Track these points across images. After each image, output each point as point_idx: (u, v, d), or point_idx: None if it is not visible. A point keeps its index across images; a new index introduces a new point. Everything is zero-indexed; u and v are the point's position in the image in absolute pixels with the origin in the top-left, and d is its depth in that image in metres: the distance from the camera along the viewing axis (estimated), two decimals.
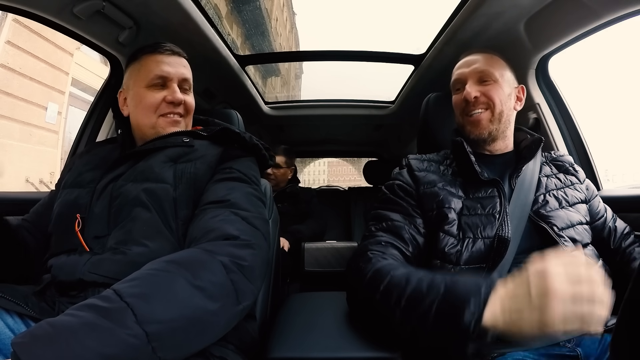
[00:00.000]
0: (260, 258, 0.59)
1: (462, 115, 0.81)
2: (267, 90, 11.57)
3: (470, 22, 1.00)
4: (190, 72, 0.80)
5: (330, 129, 2.35)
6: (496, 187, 0.75)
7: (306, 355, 0.65)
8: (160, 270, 0.49)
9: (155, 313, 0.44)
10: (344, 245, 1.75)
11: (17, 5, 0.84)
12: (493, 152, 0.83)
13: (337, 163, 35.70)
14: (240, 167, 0.72)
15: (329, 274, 1.68)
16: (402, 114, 1.90)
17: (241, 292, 0.53)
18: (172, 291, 0.47)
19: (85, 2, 0.86)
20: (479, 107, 0.78)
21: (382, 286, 0.59)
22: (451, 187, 0.76)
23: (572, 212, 0.75)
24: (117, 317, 0.42)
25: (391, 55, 1.49)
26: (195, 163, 0.69)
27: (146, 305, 0.44)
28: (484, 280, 0.51)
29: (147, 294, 0.45)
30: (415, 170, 0.80)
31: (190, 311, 0.47)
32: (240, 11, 11.64)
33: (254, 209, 0.65)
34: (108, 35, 1.00)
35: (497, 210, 0.72)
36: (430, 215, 0.74)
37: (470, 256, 0.68)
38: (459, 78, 0.83)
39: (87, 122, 1.22)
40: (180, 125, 0.78)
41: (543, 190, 0.78)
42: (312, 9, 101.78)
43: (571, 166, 0.86)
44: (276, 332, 0.74)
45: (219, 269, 0.52)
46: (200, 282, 0.49)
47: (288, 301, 0.93)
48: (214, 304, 0.49)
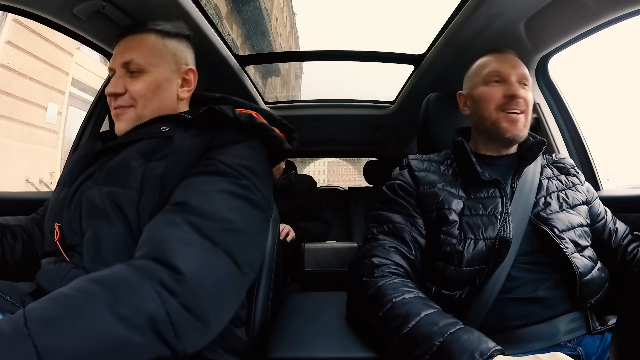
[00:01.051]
0: (207, 292, 0.45)
1: (498, 111, 0.76)
2: (267, 90, 11.57)
3: (470, 22, 1.00)
4: (140, 49, 0.66)
5: (330, 129, 2.35)
6: (498, 187, 0.74)
7: (306, 355, 0.65)
8: (78, 291, 0.40)
9: (59, 344, 0.36)
10: (344, 245, 1.75)
11: (17, 5, 0.84)
12: (500, 154, 0.82)
13: (337, 163, 35.74)
14: (224, 157, 0.57)
15: (329, 274, 1.68)
16: (402, 114, 1.90)
17: (180, 330, 0.42)
18: (86, 317, 0.38)
19: (85, 2, 0.86)
20: (519, 108, 0.76)
21: (381, 312, 0.59)
22: (451, 188, 0.75)
23: (572, 215, 0.74)
24: (13, 347, 0.35)
25: (391, 55, 1.49)
26: (167, 162, 0.57)
27: (50, 334, 0.36)
28: (479, 350, 0.47)
29: (55, 319, 0.37)
30: (415, 171, 0.80)
31: (104, 343, 0.37)
32: (240, 11, 11.64)
33: (220, 215, 0.51)
34: (108, 35, 1.00)
35: (499, 210, 0.71)
36: (430, 216, 0.74)
37: (471, 257, 0.67)
38: (499, 72, 0.78)
39: (87, 122, 1.22)
40: (125, 117, 0.66)
41: (544, 192, 0.77)
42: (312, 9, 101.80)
43: (572, 167, 0.85)
44: (276, 332, 0.74)
45: (149, 296, 0.41)
46: (123, 309, 0.39)
47: (288, 301, 0.93)
48: (138, 337, 0.39)
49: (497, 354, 0.47)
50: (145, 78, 0.66)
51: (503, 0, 0.89)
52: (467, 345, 0.48)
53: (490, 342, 0.49)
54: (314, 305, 0.91)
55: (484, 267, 0.67)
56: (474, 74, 0.83)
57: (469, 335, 0.50)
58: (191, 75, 0.73)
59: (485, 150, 0.82)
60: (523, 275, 0.68)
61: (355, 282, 0.68)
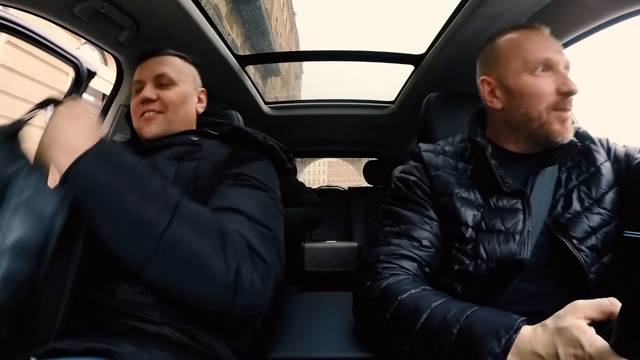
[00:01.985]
0: (270, 280, 0.53)
1: (550, 110, 0.63)
2: (267, 90, 11.58)
3: (470, 22, 1.00)
4: (170, 66, 0.77)
5: (330, 129, 2.35)
6: (521, 198, 0.64)
7: (306, 355, 0.65)
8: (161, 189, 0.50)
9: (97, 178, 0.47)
10: (344, 245, 1.75)
11: (18, 5, 0.84)
12: (527, 152, 0.70)
13: (337, 163, 35.74)
14: (254, 173, 0.65)
15: (329, 274, 1.68)
16: (402, 114, 1.90)
17: (231, 266, 0.48)
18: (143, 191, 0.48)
19: (85, 2, 0.86)
20: (571, 106, 0.63)
21: (388, 313, 0.53)
22: (469, 193, 0.67)
23: (595, 215, 0.63)
24: None
25: (391, 55, 1.49)
26: (199, 162, 0.65)
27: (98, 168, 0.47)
28: (504, 326, 0.42)
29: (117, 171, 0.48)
30: (431, 170, 0.71)
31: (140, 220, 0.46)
32: (240, 11, 11.65)
33: (272, 226, 0.59)
34: (108, 35, 1.00)
35: (519, 228, 0.62)
36: (445, 226, 0.67)
37: (480, 278, 0.61)
38: (549, 59, 0.63)
39: None
40: (156, 122, 0.74)
41: (563, 189, 0.66)
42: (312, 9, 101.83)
43: (590, 142, 0.70)
44: (276, 332, 0.74)
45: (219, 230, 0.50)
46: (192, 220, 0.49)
47: (288, 301, 0.93)
48: (190, 234, 0.47)
49: (523, 324, 0.42)
50: (176, 89, 0.77)
51: (503, 0, 0.89)
52: (488, 325, 0.43)
53: (511, 316, 0.44)
54: (314, 305, 0.91)
55: (492, 286, 0.62)
56: (508, 55, 0.67)
57: (488, 314, 0.45)
58: (203, 95, 0.86)
59: (510, 146, 0.71)
60: (530, 288, 0.62)
61: (360, 287, 0.63)
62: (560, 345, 0.37)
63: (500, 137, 0.72)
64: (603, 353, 0.34)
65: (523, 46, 0.65)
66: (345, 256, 1.70)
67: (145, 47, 1.08)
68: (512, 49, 0.67)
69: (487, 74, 0.71)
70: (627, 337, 0.32)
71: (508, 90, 0.67)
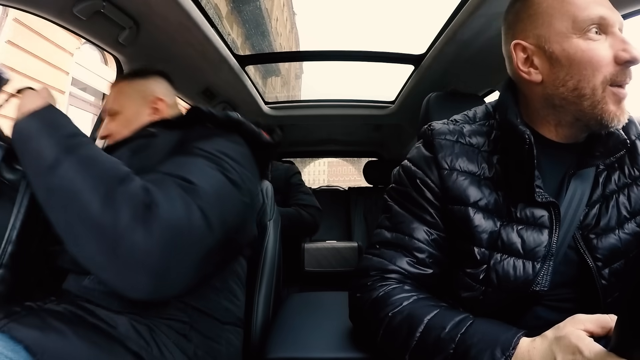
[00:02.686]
0: (165, 230, 0.45)
1: (606, 85, 0.49)
2: (267, 90, 11.58)
3: (470, 22, 1.00)
4: (112, 97, 0.81)
5: (330, 129, 2.35)
6: (550, 212, 0.52)
7: (306, 355, 0.65)
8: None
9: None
10: (344, 245, 1.75)
11: (18, 5, 0.84)
12: (569, 141, 0.56)
13: (337, 163, 35.71)
14: (202, 145, 0.58)
15: (329, 274, 1.68)
16: (402, 114, 1.90)
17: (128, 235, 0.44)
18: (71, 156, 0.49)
19: (85, 2, 0.86)
20: (630, 79, 0.50)
21: (381, 329, 0.50)
22: (490, 200, 0.54)
23: (627, 235, 0.52)
24: None
25: (391, 55, 1.49)
26: (148, 154, 0.63)
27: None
28: (501, 344, 0.40)
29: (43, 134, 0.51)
30: (444, 165, 0.57)
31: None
32: (240, 11, 11.64)
33: (195, 179, 0.51)
34: (108, 35, 1.00)
35: (542, 254, 0.51)
36: (452, 240, 0.57)
37: (488, 305, 0.53)
38: (607, 17, 0.49)
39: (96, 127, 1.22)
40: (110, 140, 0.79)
41: (599, 194, 0.54)
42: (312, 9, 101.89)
43: (638, 137, 0.56)
44: (276, 332, 0.74)
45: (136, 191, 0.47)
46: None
47: (288, 301, 0.93)
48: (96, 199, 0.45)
49: (520, 338, 0.40)
50: (118, 118, 0.79)
51: (503, 0, 0.89)
52: (485, 344, 0.41)
53: (509, 329, 0.42)
54: (314, 305, 0.91)
55: (501, 315, 0.52)
56: (551, 11, 0.51)
57: (484, 329, 0.43)
58: (159, 103, 0.82)
59: (549, 132, 0.56)
60: (548, 315, 0.53)
61: (351, 297, 0.59)
62: (559, 353, 0.37)
63: (536, 119, 0.56)
64: (602, 357, 0.34)
65: (570, 0, 0.50)
66: (345, 256, 1.70)
67: (145, 47, 1.08)
68: (556, 3, 0.51)
69: (521, 37, 0.54)
70: (627, 339, 0.32)
71: (552, 58, 0.51)
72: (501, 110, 0.58)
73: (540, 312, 0.53)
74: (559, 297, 0.53)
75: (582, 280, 0.53)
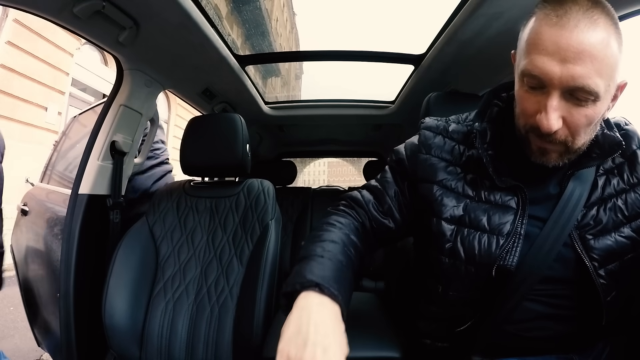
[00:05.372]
0: None
1: (527, 130, 0.53)
2: (267, 90, 11.58)
3: (470, 22, 1.00)
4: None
5: (330, 129, 2.35)
6: (517, 195, 0.56)
7: None
8: None
9: None
10: None
11: (18, 5, 0.84)
12: None
13: (337, 163, 35.72)
14: None
15: None
16: (402, 114, 1.90)
17: None
18: None
19: (85, 2, 0.86)
20: (558, 138, 0.50)
21: (304, 241, 0.63)
22: (455, 182, 0.60)
23: (623, 238, 0.55)
24: None
25: (391, 55, 1.49)
26: None
27: None
28: (309, 282, 0.51)
29: None
30: (421, 151, 0.66)
31: None
32: (240, 11, 11.65)
33: None
34: (108, 35, 1.00)
35: (506, 230, 0.55)
36: (420, 216, 0.63)
37: (459, 280, 0.57)
38: (542, 75, 0.47)
39: None
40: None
41: (597, 196, 0.57)
42: (312, 9, 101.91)
43: (638, 147, 0.59)
44: (276, 332, 0.74)
45: None
46: None
47: None
48: None
49: (315, 290, 0.50)
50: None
51: (503, 0, 0.89)
52: (304, 274, 0.52)
53: (324, 277, 0.51)
54: None
55: (475, 293, 0.57)
56: (520, 45, 0.53)
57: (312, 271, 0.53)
58: None
59: None
60: (535, 308, 0.56)
61: (327, 212, 0.71)
62: None
63: None
64: None
65: (531, 40, 0.49)
66: None
67: (145, 47, 1.08)
68: (522, 42, 0.52)
69: (516, 50, 0.56)
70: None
71: None
72: (479, 108, 0.66)
73: (531, 305, 0.56)
74: (551, 293, 0.56)
75: (580, 278, 0.54)
